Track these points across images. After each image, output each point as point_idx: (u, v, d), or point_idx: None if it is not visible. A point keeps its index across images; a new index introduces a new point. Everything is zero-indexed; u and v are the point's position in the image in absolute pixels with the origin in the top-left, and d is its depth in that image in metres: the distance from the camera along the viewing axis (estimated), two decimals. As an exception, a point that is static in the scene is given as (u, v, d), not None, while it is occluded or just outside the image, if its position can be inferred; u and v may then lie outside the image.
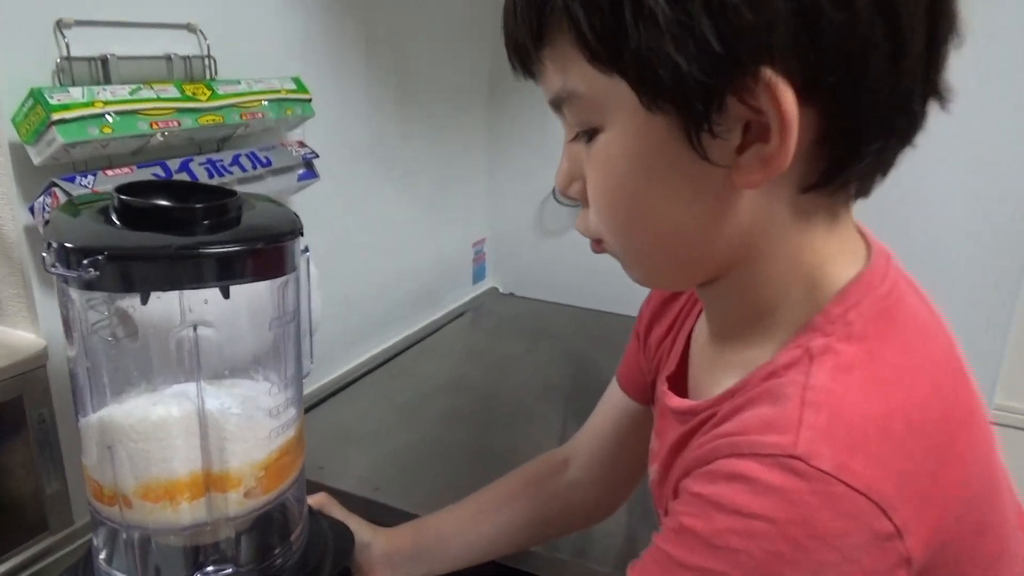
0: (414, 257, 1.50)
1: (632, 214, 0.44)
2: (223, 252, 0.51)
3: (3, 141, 0.75)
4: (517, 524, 0.75)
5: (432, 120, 1.48)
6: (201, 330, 0.56)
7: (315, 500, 0.75)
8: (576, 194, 0.47)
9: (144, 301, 0.52)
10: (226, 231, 0.54)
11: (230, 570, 0.59)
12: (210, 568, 0.59)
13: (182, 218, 0.53)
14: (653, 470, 0.56)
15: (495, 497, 0.77)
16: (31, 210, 0.76)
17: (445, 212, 1.60)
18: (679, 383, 0.56)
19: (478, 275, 1.75)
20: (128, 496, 0.56)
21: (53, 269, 0.50)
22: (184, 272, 0.51)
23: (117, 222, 0.53)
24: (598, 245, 0.48)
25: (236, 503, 0.58)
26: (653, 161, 0.42)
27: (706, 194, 0.42)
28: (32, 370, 0.82)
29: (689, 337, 0.57)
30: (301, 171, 1.02)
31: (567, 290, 1.69)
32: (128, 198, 0.53)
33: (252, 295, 0.58)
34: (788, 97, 0.37)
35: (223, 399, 0.58)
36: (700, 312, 0.57)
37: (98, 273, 0.48)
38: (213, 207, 0.54)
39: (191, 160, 0.86)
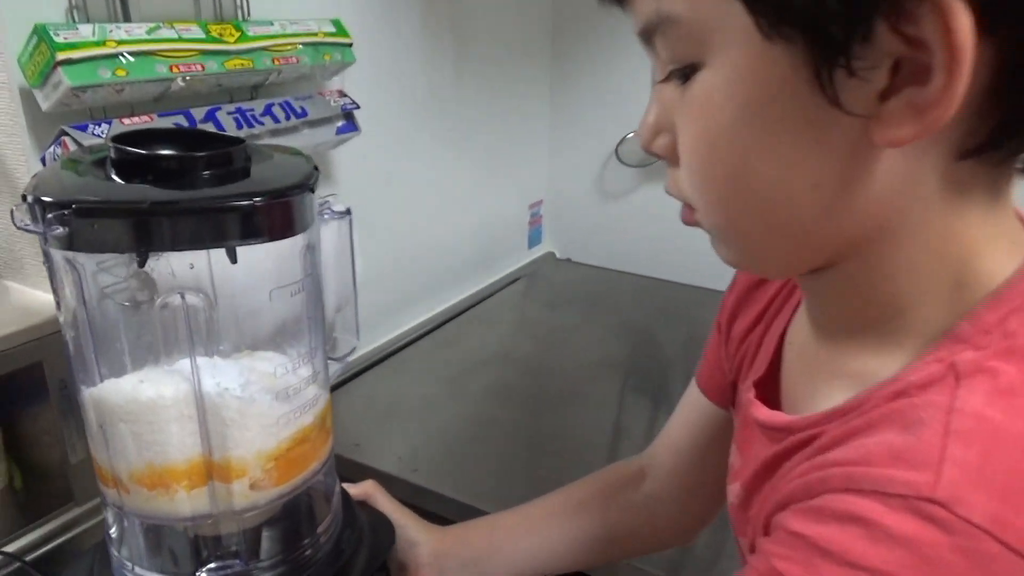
0: (465, 219, 1.42)
1: (734, 177, 0.35)
2: (213, 207, 0.44)
3: (13, 86, 0.69)
4: (584, 538, 0.66)
5: (490, 72, 1.41)
6: (190, 298, 0.48)
7: (360, 489, 0.68)
8: (662, 150, 0.39)
9: (141, 263, 0.45)
10: (231, 183, 0.47)
11: (238, 567, 0.53)
12: (214, 564, 0.53)
13: (178, 168, 0.46)
14: (733, 490, 0.48)
15: (562, 505, 0.68)
16: (43, 160, 0.70)
17: (500, 171, 1.51)
18: (769, 391, 0.47)
19: (534, 239, 1.67)
20: (123, 480, 0.51)
21: (21, 224, 0.44)
22: (162, 231, 0.44)
23: (113, 175, 0.47)
24: (691, 213, 0.40)
25: (241, 495, 0.51)
26: (767, 107, 0.33)
27: (833, 153, 0.33)
28: (52, 334, 0.77)
29: (783, 336, 0.48)
30: (340, 123, 0.94)
31: (628, 257, 1.59)
32: (119, 146, 0.46)
33: (258, 258, 0.50)
34: (963, 23, 0.27)
35: (224, 379, 0.51)
36: (797, 305, 0.48)
37: (65, 229, 0.42)
38: (215, 156, 0.47)
39: (218, 109, 0.79)
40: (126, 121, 0.72)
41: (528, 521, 0.68)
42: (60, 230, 0.42)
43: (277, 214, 0.47)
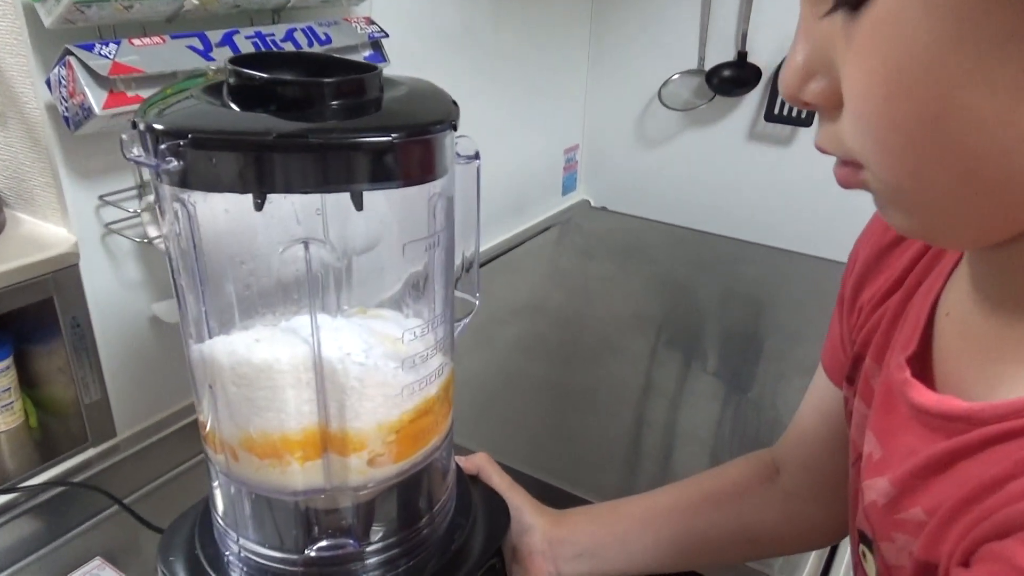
0: (497, 163, 1.35)
1: (931, 120, 0.28)
2: (346, 143, 0.38)
3: (17, 1, 0.64)
4: (718, 534, 0.61)
5: (529, 8, 1.30)
6: (315, 250, 0.43)
7: (471, 462, 0.63)
8: (816, 97, 0.32)
9: (258, 206, 0.39)
10: (363, 116, 0.41)
11: (350, 547, 0.49)
12: (325, 543, 0.49)
13: (304, 97, 0.40)
14: (875, 487, 0.41)
15: (694, 498, 0.63)
16: (48, 84, 0.65)
17: (536, 114, 1.44)
18: (922, 370, 0.40)
19: (568, 186, 1.60)
20: (233, 446, 0.46)
21: (130, 156, 0.39)
22: (289, 169, 0.38)
23: (230, 103, 0.40)
24: (853, 172, 0.33)
25: (358, 471, 0.46)
26: (982, 23, 0.26)
27: None
28: (63, 269, 0.74)
29: (933, 306, 0.41)
30: (367, 53, 0.88)
31: (666, 206, 1.52)
32: (238, 68, 0.40)
33: (384, 206, 0.45)
34: None
35: (346, 342, 0.46)
36: (951, 270, 0.41)
37: (180, 163, 0.37)
38: (346, 83, 0.40)
39: (235, 33, 0.73)
40: (136, 42, 0.66)
41: (652, 513, 0.62)
42: (174, 163, 0.37)
43: (416, 154, 0.41)
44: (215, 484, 0.50)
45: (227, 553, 0.50)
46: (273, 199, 0.40)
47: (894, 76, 0.28)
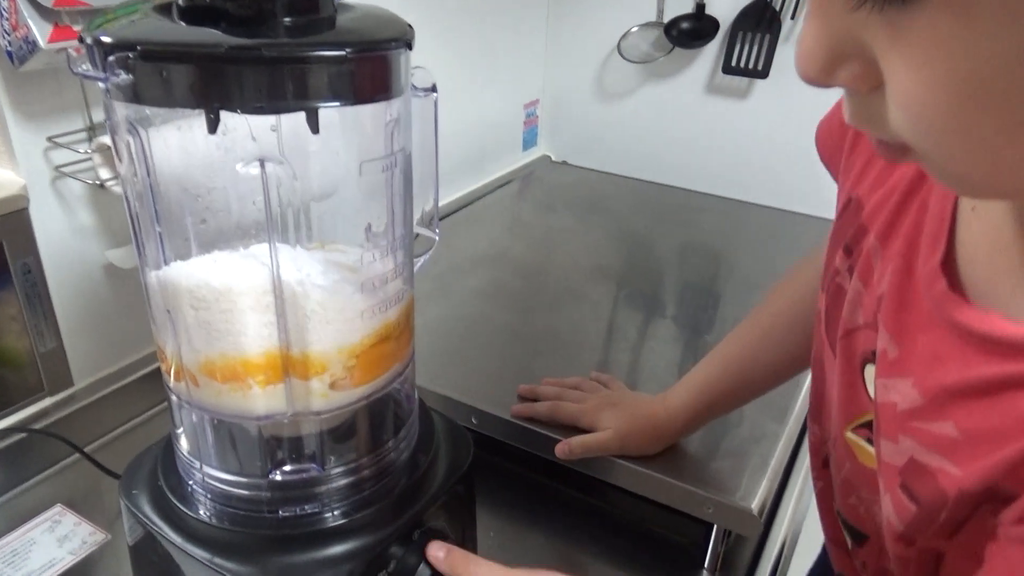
0: (455, 118, 1.35)
1: (1013, 128, 0.26)
2: (299, 56, 0.38)
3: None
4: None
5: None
6: (271, 168, 0.42)
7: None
8: (850, 82, 0.29)
9: (212, 125, 0.39)
10: (316, 34, 0.40)
11: (313, 471, 0.49)
12: (288, 467, 0.49)
13: (255, 15, 0.39)
14: (895, 387, 0.39)
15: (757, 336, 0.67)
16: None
17: (494, 68, 1.43)
18: (945, 270, 0.38)
19: (528, 141, 1.59)
20: (192, 371, 0.46)
21: (78, 70, 0.38)
22: (241, 83, 0.38)
23: (179, 20, 0.40)
24: (901, 152, 0.30)
25: (320, 394, 0.47)
26: None
27: None
28: (11, 213, 0.72)
29: (955, 205, 0.38)
30: None
31: (627, 160, 1.53)
32: None
33: (339, 128, 0.44)
34: None
35: (306, 266, 0.46)
36: None
37: (129, 76, 0.37)
38: (299, 1, 0.40)
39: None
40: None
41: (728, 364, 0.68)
42: (123, 76, 0.36)
43: (371, 70, 0.41)
44: (175, 415, 0.50)
45: (191, 482, 0.50)
46: (229, 129, 0.40)
47: (968, 87, 0.25)
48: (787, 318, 0.65)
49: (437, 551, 0.50)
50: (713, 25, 1.35)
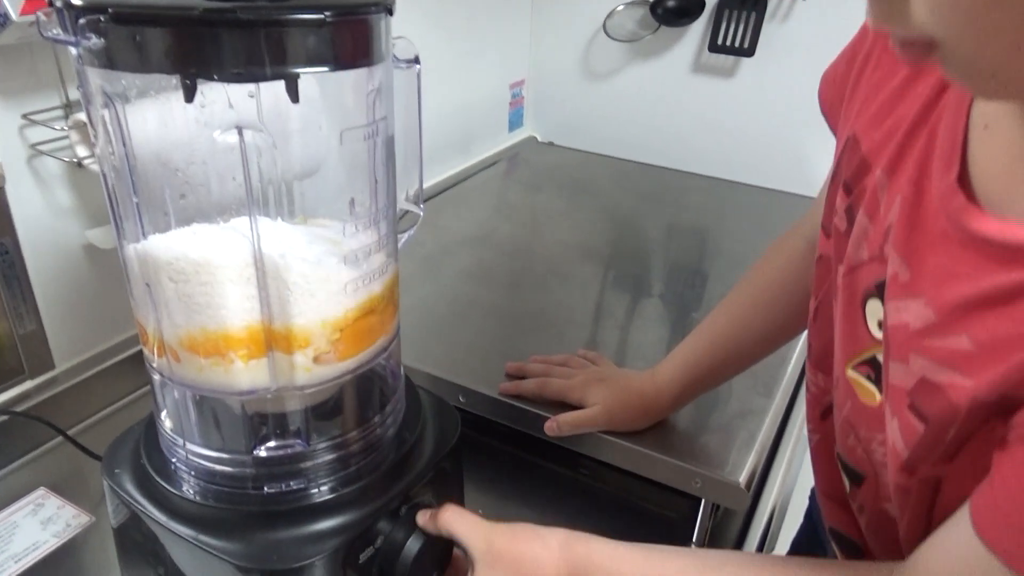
0: (440, 99, 1.33)
1: None
2: (275, 19, 0.37)
3: None
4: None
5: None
6: (250, 136, 0.41)
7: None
8: None
9: (188, 93, 0.38)
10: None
11: (298, 447, 0.49)
12: (273, 443, 0.48)
13: None
14: (906, 308, 0.39)
15: (746, 309, 0.66)
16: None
17: (479, 48, 1.41)
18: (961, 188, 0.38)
19: (514, 121, 1.58)
20: (173, 346, 0.45)
21: (48, 34, 0.37)
22: (218, 48, 0.37)
23: None
24: (923, 52, 0.30)
25: (303, 369, 0.46)
26: None
27: None
28: (-14, 191, 0.71)
29: (966, 128, 0.38)
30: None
31: (613, 140, 1.52)
32: None
33: (319, 97, 0.43)
34: None
35: (288, 238, 0.45)
36: None
37: (101, 40, 0.36)
38: None
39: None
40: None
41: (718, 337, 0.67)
42: (95, 40, 0.35)
43: (351, 34, 0.40)
44: (157, 392, 0.50)
45: (174, 460, 0.50)
46: (208, 102, 0.39)
47: None
48: (777, 285, 0.65)
49: (423, 515, 0.50)
50: (699, 3, 1.34)
